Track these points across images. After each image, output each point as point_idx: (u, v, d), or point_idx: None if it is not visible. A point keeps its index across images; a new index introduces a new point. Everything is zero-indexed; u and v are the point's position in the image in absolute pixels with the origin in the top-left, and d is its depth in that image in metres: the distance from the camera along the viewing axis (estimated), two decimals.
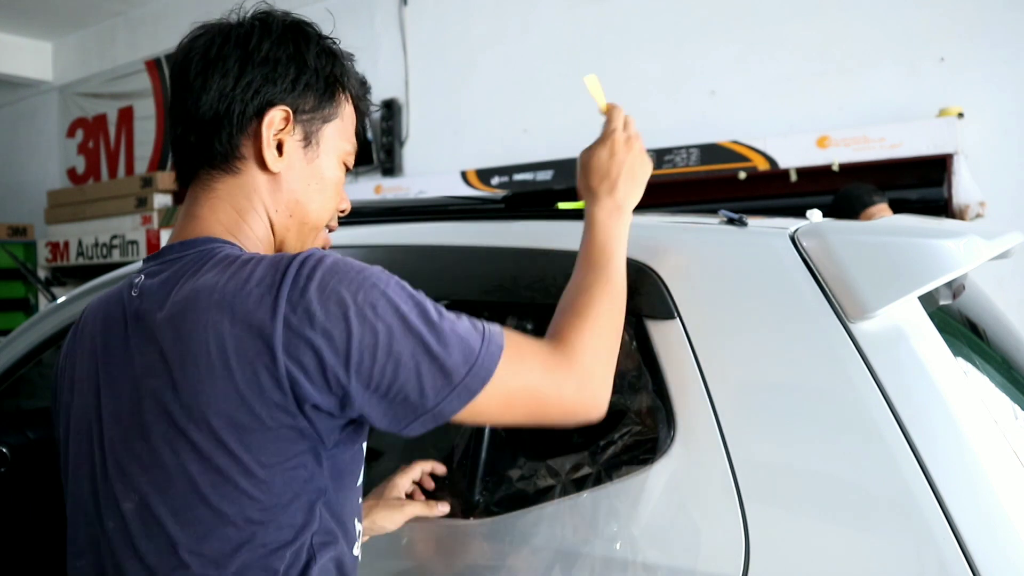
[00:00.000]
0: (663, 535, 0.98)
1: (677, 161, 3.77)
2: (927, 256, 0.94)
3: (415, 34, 5.02)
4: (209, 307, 0.79)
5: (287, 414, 0.78)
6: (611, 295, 0.95)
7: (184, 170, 0.94)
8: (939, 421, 0.89)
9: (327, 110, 0.94)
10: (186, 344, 0.79)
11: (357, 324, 0.77)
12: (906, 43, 3.48)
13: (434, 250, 1.28)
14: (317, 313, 0.77)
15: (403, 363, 0.79)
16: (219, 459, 0.79)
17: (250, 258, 0.82)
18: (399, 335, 0.79)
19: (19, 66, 7.27)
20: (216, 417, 0.78)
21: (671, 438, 0.99)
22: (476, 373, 0.81)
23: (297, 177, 0.92)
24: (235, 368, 0.77)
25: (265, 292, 0.78)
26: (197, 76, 0.89)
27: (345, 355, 0.77)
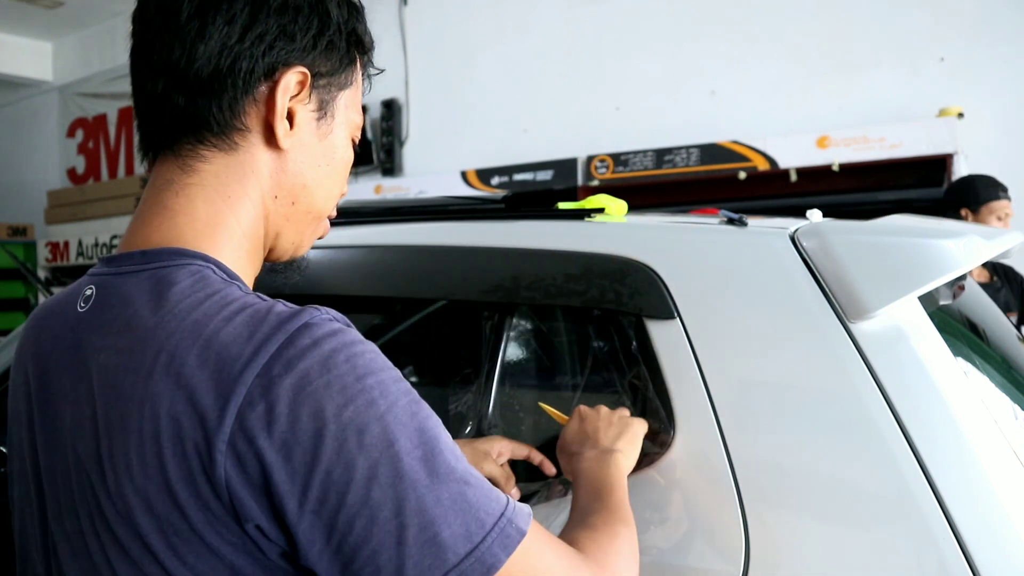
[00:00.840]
0: (663, 535, 0.98)
1: (677, 161, 3.77)
2: (927, 256, 0.94)
3: (415, 34, 5.02)
4: (154, 369, 0.60)
5: (226, 527, 0.60)
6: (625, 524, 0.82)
7: (156, 140, 0.72)
8: (939, 421, 0.89)
9: (344, 75, 0.75)
10: (122, 412, 0.61)
11: (331, 450, 0.57)
12: (906, 43, 3.48)
13: (434, 250, 1.28)
14: (282, 417, 0.57)
15: (381, 520, 0.57)
16: (148, 566, 0.61)
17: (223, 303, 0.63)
18: (385, 479, 0.58)
19: (19, 66, 7.28)
20: (143, 515, 0.60)
21: (671, 438, 0.99)
22: (480, 558, 0.59)
23: (307, 156, 0.73)
24: (168, 458, 0.59)
25: (225, 367, 0.59)
26: (191, 18, 0.67)
27: (303, 486, 0.57)
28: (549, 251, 1.14)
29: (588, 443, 0.96)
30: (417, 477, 0.59)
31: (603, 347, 1.16)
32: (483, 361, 1.22)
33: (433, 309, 1.29)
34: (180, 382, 0.59)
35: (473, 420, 1.22)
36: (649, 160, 3.83)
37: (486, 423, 1.20)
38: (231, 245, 0.71)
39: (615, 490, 0.87)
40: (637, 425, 1.00)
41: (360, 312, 1.78)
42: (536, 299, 1.13)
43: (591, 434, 0.98)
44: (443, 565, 0.58)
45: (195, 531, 0.60)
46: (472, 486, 0.61)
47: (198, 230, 0.70)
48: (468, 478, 0.61)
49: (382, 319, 1.75)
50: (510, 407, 1.24)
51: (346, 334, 0.62)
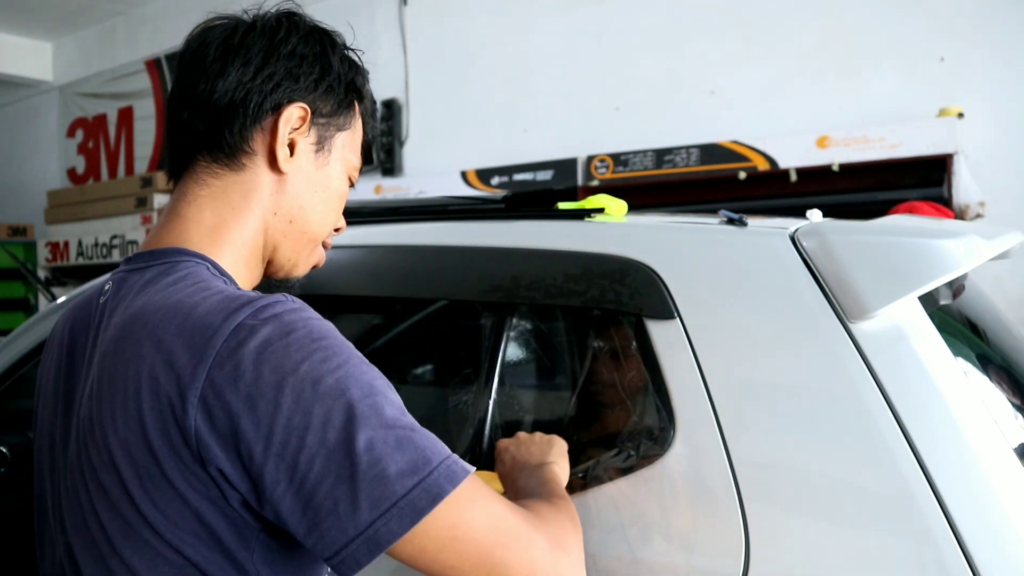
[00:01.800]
0: (663, 535, 0.98)
1: (677, 161, 3.77)
2: (927, 256, 0.94)
3: (415, 34, 5.02)
4: (141, 337, 0.71)
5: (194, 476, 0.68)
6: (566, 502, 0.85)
7: (180, 160, 0.86)
8: (939, 421, 0.89)
9: (343, 118, 0.90)
10: (111, 375, 0.72)
11: (290, 399, 0.66)
12: (906, 43, 3.48)
13: (434, 250, 1.28)
14: (247, 373, 0.66)
15: (336, 459, 0.65)
16: (125, 510, 0.70)
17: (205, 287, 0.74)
18: (339, 423, 0.66)
19: (19, 66, 7.27)
20: (125, 462, 0.69)
21: (671, 438, 0.99)
22: (427, 488, 0.66)
23: (304, 182, 0.87)
24: (147, 411, 0.68)
25: (199, 333, 0.68)
26: (215, 61, 0.83)
27: (267, 433, 0.65)
28: (549, 251, 1.14)
29: (519, 468, 0.99)
30: (366, 421, 0.67)
31: (603, 347, 1.16)
32: (483, 361, 1.22)
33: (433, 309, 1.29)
34: (160, 347, 0.69)
35: (473, 420, 1.22)
36: (649, 160, 3.83)
37: (486, 423, 1.20)
38: (231, 250, 0.84)
39: (555, 484, 0.91)
40: (558, 441, 1.03)
41: (360, 312, 1.78)
42: (536, 299, 1.13)
43: (519, 460, 1.00)
44: (392, 496, 0.65)
45: (167, 478, 0.68)
46: (418, 432, 0.69)
47: (203, 234, 0.83)
48: (414, 427, 0.70)
49: (382, 319, 1.75)
50: (510, 407, 1.24)
51: (305, 311, 0.72)
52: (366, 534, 0.65)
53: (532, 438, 1.04)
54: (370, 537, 0.65)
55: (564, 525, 0.77)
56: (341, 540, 0.66)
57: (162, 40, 6.36)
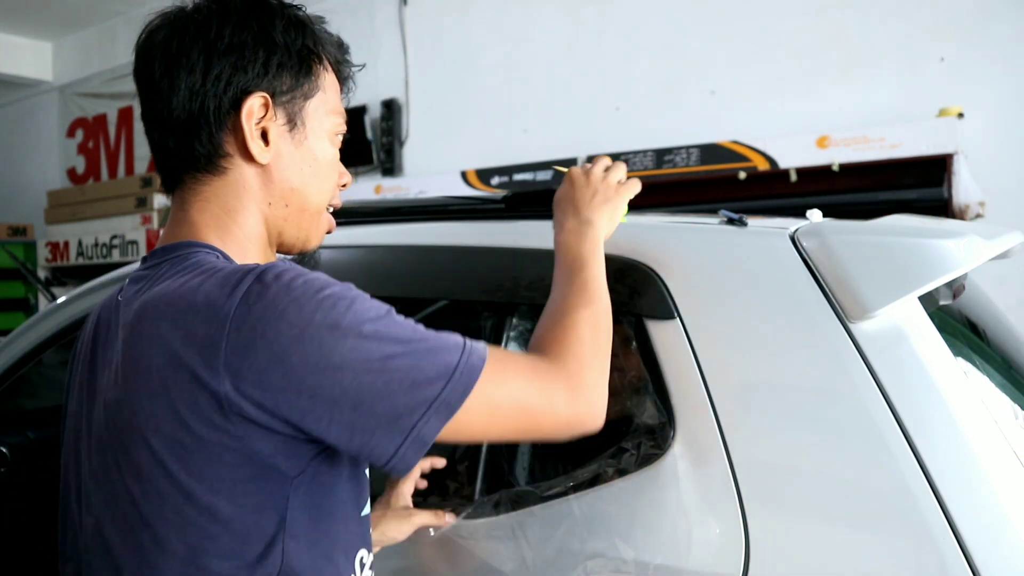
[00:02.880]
0: (663, 535, 0.98)
1: (677, 161, 3.77)
2: (927, 256, 0.94)
3: (415, 34, 5.02)
4: (157, 317, 0.74)
5: (230, 437, 0.72)
6: (589, 304, 0.90)
7: (168, 176, 0.88)
8: (939, 421, 0.89)
9: (306, 86, 0.87)
10: (134, 355, 0.75)
11: (314, 347, 0.70)
12: (906, 43, 3.48)
13: (434, 250, 1.28)
14: (267, 333, 0.70)
15: (370, 386, 0.71)
16: (159, 481, 0.73)
17: (211, 268, 0.77)
18: (364, 355, 0.71)
19: (19, 66, 7.27)
20: (155, 435, 0.73)
21: (671, 438, 0.99)
22: (455, 386, 0.74)
23: (288, 164, 0.86)
24: (172, 383, 0.72)
25: (213, 305, 0.72)
26: (163, 77, 0.82)
27: (299, 382, 0.70)
28: (549, 251, 1.14)
29: (571, 211, 1.01)
30: (386, 345, 0.72)
31: None
32: None
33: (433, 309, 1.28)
34: (177, 324, 0.73)
35: None
36: (649, 160, 3.83)
37: None
38: (236, 244, 0.86)
39: (586, 266, 0.94)
40: (625, 189, 1.04)
41: None
42: (536, 299, 1.13)
43: (575, 201, 1.02)
44: (426, 400, 0.72)
45: (202, 444, 0.72)
46: (433, 340, 0.75)
47: (209, 232, 0.85)
48: (428, 336, 0.76)
49: None
50: None
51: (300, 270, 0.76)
52: (411, 437, 0.72)
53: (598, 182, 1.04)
54: (415, 439, 0.72)
55: (582, 356, 0.85)
56: (391, 449, 0.72)
57: None
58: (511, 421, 0.79)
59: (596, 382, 0.86)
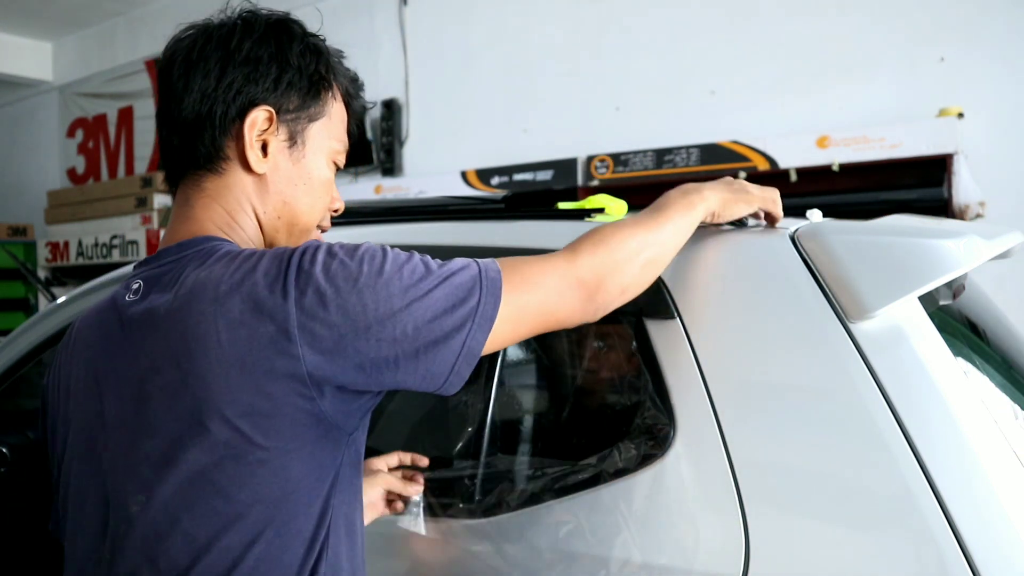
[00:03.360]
0: (663, 535, 0.98)
1: (677, 161, 3.77)
2: (927, 256, 0.93)
3: (415, 34, 5.01)
4: (216, 297, 0.78)
5: (305, 399, 0.78)
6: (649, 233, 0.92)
7: (172, 172, 0.93)
8: (939, 421, 0.89)
9: (312, 109, 0.92)
10: (194, 335, 0.78)
11: (370, 296, 0.77)
12: (906, 43, 3.48)
13: (434, 250, 1.27)
14: (327, 292, 0.77)
15: (423, 318, 0.79)
16: (235, 446, 0.78)
17: (252, 252, 0.82)
18: (412, 294, 0.79)
19: (19, 66, 7.26)
20: (230, 407, 0.77)
21: (671, 438, 0.99)
22: (487, 299, 0.82)
23: (283, 178, 0.91)
24: (247, 355, 0.76)
25: (273, 280, 0.77)
26: (180, 78, 0.88)
27: (366, 328, 0.77)
28: (549, 251, 1.14)
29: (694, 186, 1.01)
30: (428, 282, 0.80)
31: (603, 347, 1.16)
32: (483, 361, 1.22)
33: None
34: (245, 302, 0.77)
35: (473, 420, 1.22)
36: (649, 160, 3.83)
37: (486, 423, 1.20)
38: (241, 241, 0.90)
39: (671, 208, 0.96)
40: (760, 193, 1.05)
41: None
42: None
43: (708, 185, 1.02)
44: (469, 314, 0.81)
45: (277, 405, 0.77)
46: (450, 266, 0.83)
47: (218, 226, 0.90)
48: (446, 264, 0.83)
49: None
50: (510, 407, 1.24)
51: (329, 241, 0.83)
52: (463, 352, 0.81)
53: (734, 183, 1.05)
54: (467, 353, 0.81)
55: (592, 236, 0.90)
56: (447, 368, 0.80)
57: (162, 40, 6.25)
58: (537, 319, 0.86)
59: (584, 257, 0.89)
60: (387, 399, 1.67)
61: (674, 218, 0.95)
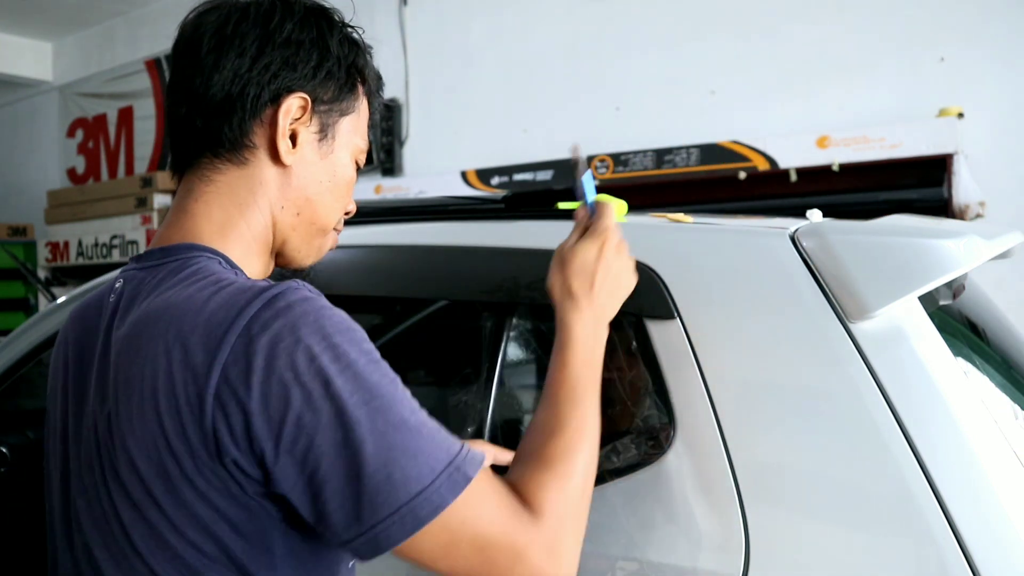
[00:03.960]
0: (663, 535, 0.98)
1: (677, 161, 3.77)
2: (927, 256, 0.93)
3: (415, 34, 5.01)
4: (155, 335, 0.71)
5: (214, 474, 0.68)
6: (589, 439, 0.81)
7: (182, 156, 0.84)
8: (939, 421, 0.89)
9: (345, 102, 0.86)
10: (129, 373, 0.72)
11: (301, 398, 0.66)
12: (906, 43, 3.48)
13: (434, 250, 1.28)
14: (259, 370, 0.66)
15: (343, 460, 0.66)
16: (148, 511, 0.71)
17: (216, 282, 0.73)
18: (348, 424, 0.66)
19: (19, 66, 7.26)
20: (144, 462, 0.70)
21: (671, 438, 0.99)
22: (429, 497, 0.67)
23: (309, 172, 0.84)
24: (164, 409, 0.69)
25: (214, 329, 0.68)
26: (209, 52, 0.80)
27: (278, 430, 0.66)
28: (549, 251, 1.14)
29: (591, 291, 0.88)
30: (374, 424, 0.67)
31: None
32: (483, 361, 1.22)
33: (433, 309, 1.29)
34: (175, 344, 0.69)
35: (473, 420, 1.22)
36: (649, 160, 3.83)
37: (486, 423, 1.20)
38: (241, 244, 0.83)
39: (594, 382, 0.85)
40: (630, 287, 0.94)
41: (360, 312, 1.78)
42: (536, 299, 1.13)
43: (599, 283, 0.89)
44: (395, 502, 0.66)
45: (186, 476, 0.69)
46: (424, 436, 0.69)
47: (213, 230, 0.81)
48: (421, 428, 0.69)
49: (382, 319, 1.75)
50: (510, 407, 1.25)
51: (317, 300, 0.71)
52: (367, 536, 0.67)
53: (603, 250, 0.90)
54: (371, 539, 0.67)
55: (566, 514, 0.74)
56: (345, 537, 0.68)
57: (162, 40, 6.35)
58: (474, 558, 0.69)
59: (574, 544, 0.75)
60: None
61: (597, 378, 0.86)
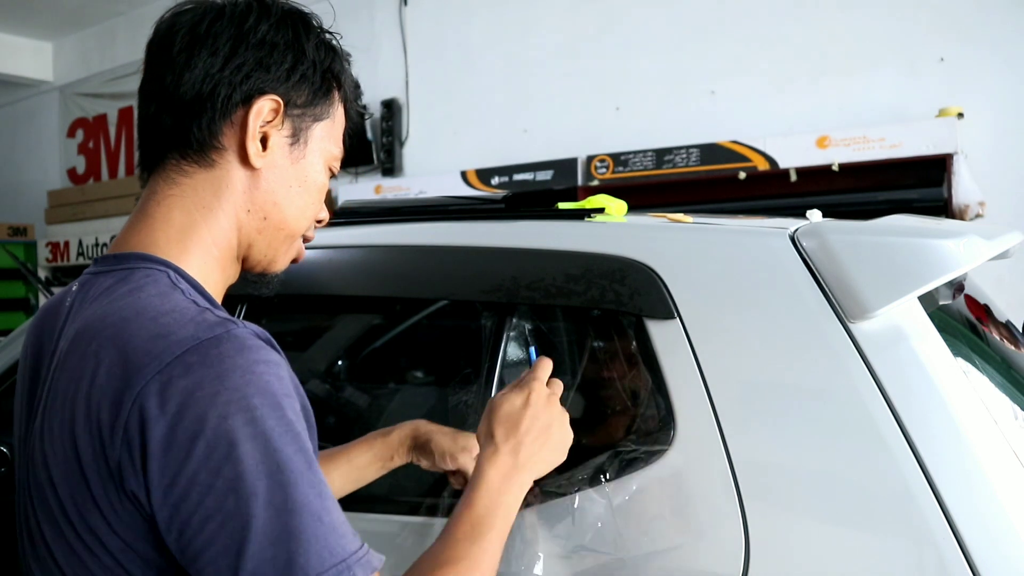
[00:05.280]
0: (663, 535, 0.98)
1: (677, 161, 3.77)
2: (927, 256, 0.94)
3: (415, 34, 5.02)
4: (85, 353, 0.69)
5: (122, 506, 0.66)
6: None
7: (150, 155, 0.82)
8: (939, 421, 0.89)
9: (319, 107, 0.84)
10: (56, 388, 0.71)
11: (202, 453, 0.63)
12: (906, 43, 3.48)
13: (434, 250, 1.28)
14: (169, 414, 0.63)
15: (229, 529, 0.62)
16: (66, 530, 0.69)
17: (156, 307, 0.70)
18: (243, 493, 0.62)
19: (19, 66, 7.27)
20: (60, 482, 0.69)
21: (671, 438, 0.99)
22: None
23: (279, 177, 0.82)
24: (80, 431, 0.67)
25: (136, 361, 0.65)
26: (182, 51, 0.77)
27: (171, 480, 0.63)
28: (549, 251, 1.14)
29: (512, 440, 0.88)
30: (272, 499, 0.63)
31: (603, 347, 1.16)
32: (483, 361, 1.22)
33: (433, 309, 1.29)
34: (99, 368, 0.66)
35: (473, 420, 1.22)
36: (649, 160, 3.84)
37: None
38: (199, 251, 0.79)
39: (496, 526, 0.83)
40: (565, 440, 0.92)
41: (360, 312, 1.78)
42: (536, 299, 1.13)
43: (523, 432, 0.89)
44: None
45: (96, 505, 0.67)
46: (324, 524, 0.64)
47: (171, 237, 0.79)
48: (323, 515, 0.65)
49: (382, 319, 1.75)
50: None
51: (256, 352, 0.67)
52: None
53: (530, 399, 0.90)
54: None
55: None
56: None
57: None
58: None
59: None
60: (387, 399, 1.67)
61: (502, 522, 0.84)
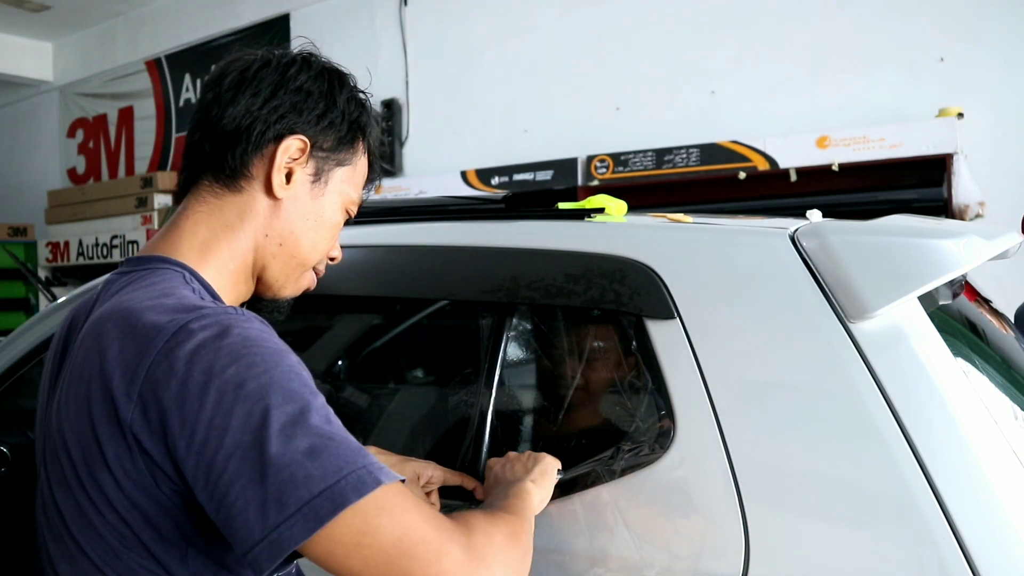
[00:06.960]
0: (663, 535, 0.98)
1: (677, 161, 3.77)
2: (927, 256, 0.94)
3: (415, 34, 5.02)
4: (101, 332, 0.78)
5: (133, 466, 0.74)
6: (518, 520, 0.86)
7: (188, 177, 0.94)
8: (939, 421, 0.89)
9: (343, 154, 0.95)
10: (75, 364, 0.80)
11: (214, 399, 0.70)
12: (906, 43, 3.48)
13: (434, 250, 1.28)
14: (179, 372, 0.71)
15: (250, 461, 0.69)
16: (76, 491, 0.77)
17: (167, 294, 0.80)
18: (256, 427, 0.69)
19: (19, 66, 7.27)
20: (74, 445, 0.77)
21: (671, 438, 1.00)
22: (331, 495, 0.68)
23: (298, 209, 0.92)
24: (95, 401, 0.75)
25: (145, 333, 0.74)
26: (228, 90, 0.90)
27: (191, 430, 0.70)
28: (549, 251, 1.14)
29: (495, 485, 1.04)
30: (283, 427, 0.69)
31: (603, 347, 1.16)
32: (483, 361, 1.22)
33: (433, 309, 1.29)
34: (113, 343, 0.75)
35: (473, 420, 1.22)
36: (649, 160, 3.83)
37: (486, 423, 1.20)
38: (217, 262, 0.90)
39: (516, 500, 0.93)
40: (543, 460, 1.05)
41: (360, 312, 1.78)
42: (536, 299, 1.13)
43: (500, 478, 1.04)
44: (297, 501, 0.67)
45: (107, 464, 0.74)
46: (336, 441, 0.71)
47: (194, 246, 0.89)
48: (333, 435, 0.71)
49: (382, 319, 1.75)
50: (510, 407, 1.24)
51: (248, 320, 0.77)
52: (270, 537, 0.68)
53: (520, 457, 1.07)
54: (273, 540, 0.68)
55: (494, 538, 0.76)
56: (249, 540, 0.68)
57: (162, 40, 6.35)
58: (385, 561, 0.69)
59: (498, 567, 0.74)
60: (387, 399, 1.67)
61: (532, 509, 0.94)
